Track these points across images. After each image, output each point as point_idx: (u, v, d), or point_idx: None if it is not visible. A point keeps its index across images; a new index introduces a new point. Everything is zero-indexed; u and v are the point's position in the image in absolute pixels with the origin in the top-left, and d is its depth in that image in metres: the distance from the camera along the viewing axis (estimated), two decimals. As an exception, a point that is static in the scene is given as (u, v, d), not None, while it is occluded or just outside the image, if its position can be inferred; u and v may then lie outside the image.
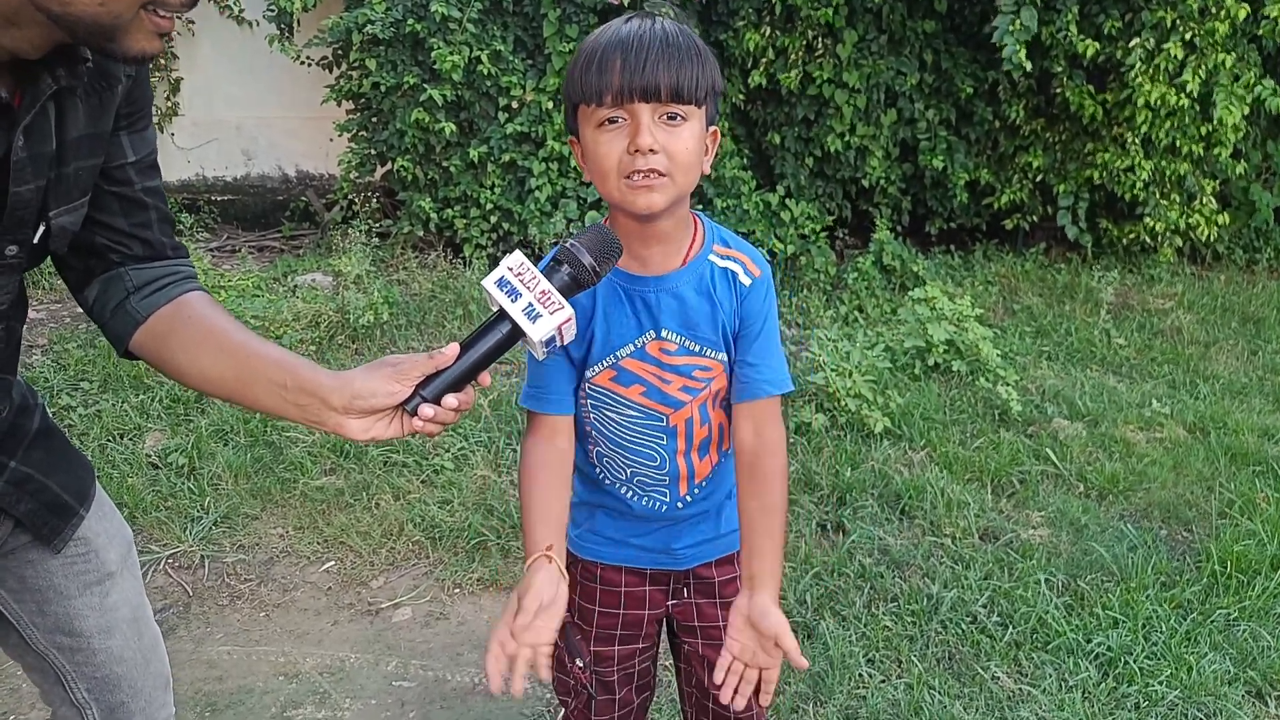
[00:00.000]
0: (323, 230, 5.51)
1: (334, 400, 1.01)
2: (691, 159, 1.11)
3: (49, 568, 1.17)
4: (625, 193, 1.10)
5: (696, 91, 1.09)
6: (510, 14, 4.75)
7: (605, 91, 1.07)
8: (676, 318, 1.21)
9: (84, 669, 1.22)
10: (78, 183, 1.02)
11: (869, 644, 2.28)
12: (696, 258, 1.22)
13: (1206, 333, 4.53)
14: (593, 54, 1.09)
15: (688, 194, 1.17)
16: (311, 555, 2.67)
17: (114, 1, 0.83)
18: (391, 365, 1.03)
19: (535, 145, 4.78)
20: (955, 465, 3.13)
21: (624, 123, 1.09)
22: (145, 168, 1.12)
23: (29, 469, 1.12)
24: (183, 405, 3.37)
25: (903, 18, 5.01)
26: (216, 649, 2.30)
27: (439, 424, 1.04)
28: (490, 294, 1.03)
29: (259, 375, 1.05)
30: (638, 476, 1.30)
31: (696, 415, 1.26)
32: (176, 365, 1.09)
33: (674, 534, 1.34)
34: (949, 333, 3.80)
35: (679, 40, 1.09)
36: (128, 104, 1.06)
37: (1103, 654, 2.24)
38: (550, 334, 1.03)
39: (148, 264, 1.13)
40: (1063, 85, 4.93)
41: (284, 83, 5.49)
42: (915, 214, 5.53)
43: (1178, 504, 2.98)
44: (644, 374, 1.23)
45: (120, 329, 1.12)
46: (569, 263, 1.06)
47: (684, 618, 1.40)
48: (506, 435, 3.21)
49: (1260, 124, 5.41)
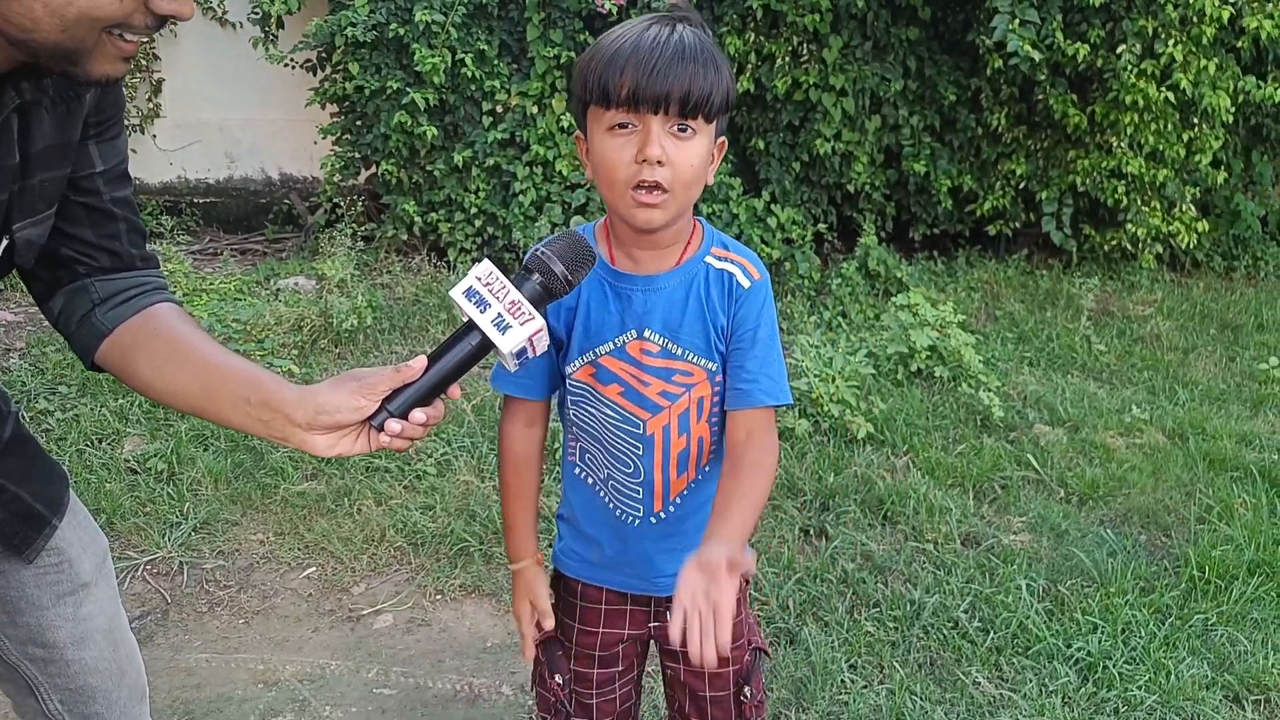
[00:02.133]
0: (306, 234, 5.48)
1: (297, 416, 0.99)
2: (696, 174, 1.10)
3: (21, 578, 1.16)
4: (630, 206, 1.10)
5: (708, 106, 1.07)
6: (495, 18, 4.75)
7: (617, 96, 1.06)
8: (661, 319, 1.19)
9: (57, 680, 1.20)
10: (43, 194, 1.00)
11: (851, 649, 2.28)
12: (691, 259, 1.20)
13: (1185, 339, 4.57)
14: (608, 55, 1.07)
15: (689, 208, 1.16)
16: (292, 561, 2.65)
17: (76, 27, 0.82)
18: (356, 380, 1.01)
19: (520, 150, 4.77)
20: (938, 471, 3.15)
21: (634, 129, 1.07)
22: (115, 177, 1.09)
23: (1, 479, 1.11)
24: (162, 410, 3.34)
25: (887, 25, 5.04)
26: (194, 656, 2.28)
27: (406, 439, 1.02)
28: (458, 305, 1.00)
29: (224, 390, 1.03)
30: (613, 480, 1.28)
31: (675, 424, 1.23)
32: (142, 379, 1.08)
33: (652, 565, 1.31)
34: (932, 339, 3.82)
35: (697, 52, 1.07)
36: (97, 112, 1.04)
37: (1082, 659, 2.26)
38: (520, 345, 1.00)
39: (115, 275, 1.11)
40: (1046, 93, 4.97)
41: (267, 85, 5.46)
42: (899, 220, 5.56)
43: (1157, 509, 3.00)
44: (622, 373, 1.21)
45: (85, 341, 1.10)
46: (540, 271, 1.03)
47: (666, 641, 1.37)
48: (490, 440, 3.20)
49: (1240, 133, 5.47)
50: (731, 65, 4.93)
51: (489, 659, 2.30)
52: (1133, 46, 4.58)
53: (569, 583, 1.38)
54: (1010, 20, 4.31)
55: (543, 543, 2.48)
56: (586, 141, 1.14)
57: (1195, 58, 4.55)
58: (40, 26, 0.81)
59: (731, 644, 1.32)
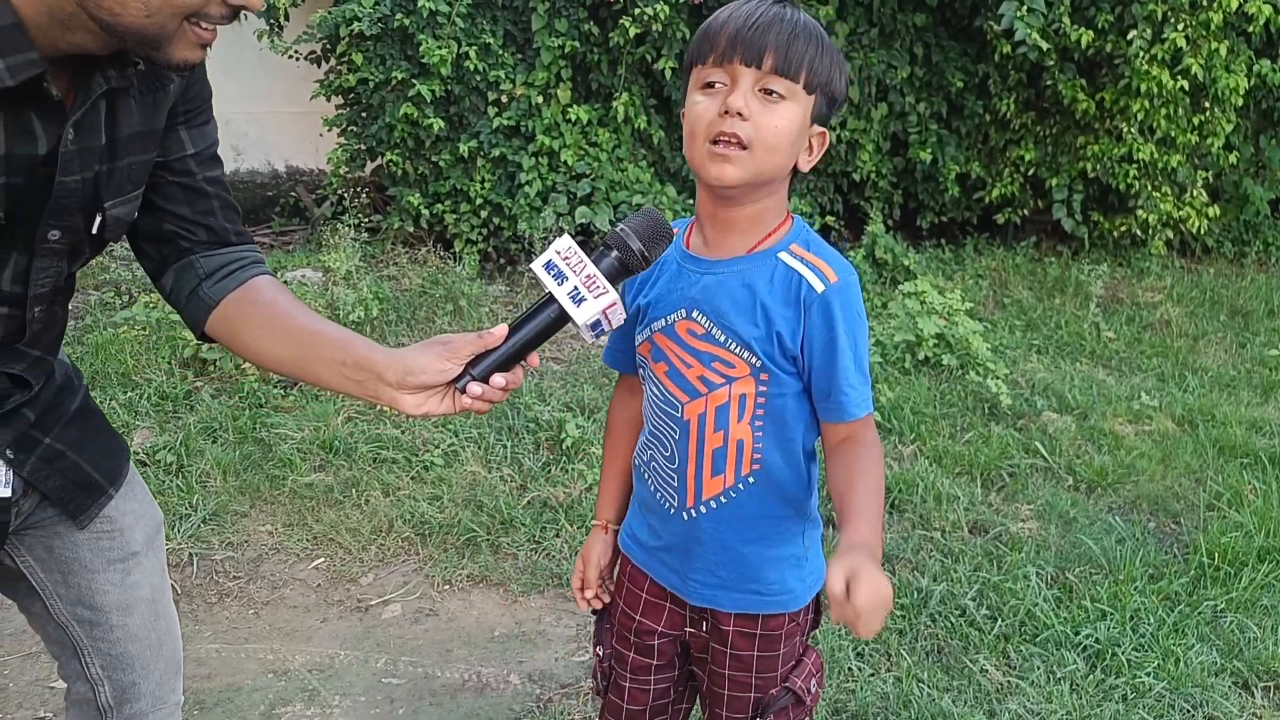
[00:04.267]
0: (312, 226, 5.48)
1: (388, 376, 1.05)
2: (780, 140, 1.07)
3: (75, 540, 1.22)
4: (704, 158, 1.08)
5: (802, 70, 1.05)
6: (499, 8, 4.73)
7: (711, 51, 1.06)
8: (709, 302, 1.15)
9: (100, 645, 1.26)
10: (131, 176, 1.08)
11: (858, 638, 2.28)
12: (763, 251, 1.14)
13: (1195, 326, 4.54)
14: (714, 20, 1.09)
15: (769, 179, 1.10)
16: (300, 552, 2.66)
17: (159, 13, 0.90)
18: (442, 344, 1.07)
19: (525, 140, 4.76)
20: (945, 459, 3.14)
21: (722, 87, 1.07)
22: (206, 159, 1.18)
23: (62, 446, 1.17)
24: (171, 402, 3.35)
25: (893, 11, 5.00)
26: (205, 647, 2.29)
27: (487, 402, 1.07)
28: (539, 276, 1.05)
29: (319, 354, 1.10)
30: (655, 462, 1.27)
31: (711, 415, 1.18)
32: (244, 346, 1.16)
33: (687, 557, 1.25)
34: (939, 327, 3.80)
35: (802, 24, 1.07)
36: (185, 101, 1.13)
37: (1091, 646, 2.25)
38: (595, 318, 1.03)
39: (215, 250, 1.20)
40: (1054, 79, 4.94)
41: (273, 78, 5.45)
42: (907, 208, 5.53)
43: (1166, 496, 2.99)
44: (668, 351, 1.20)
45: (195, 314, 1.18)
46: (617, 247, 1.05)
47: (697, 649, 1.34)
48: (496, 431, 3.21)
49: (1251, 118, 5.43)
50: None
51: (497, 648, 2.31)
52: (1143, 32, 4.54)
53: (622, 560, 1.38)
54: (1018, 8, 4.28)
55: (551, 534, 2.47)
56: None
57: (1206, 41, 4.51)
58: (128, 11, 0.88)
59: (761, 674, 1.28)
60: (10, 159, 0.94)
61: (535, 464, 3.04)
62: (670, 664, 1.37)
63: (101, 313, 4.06)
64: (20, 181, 0.96)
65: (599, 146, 4.82)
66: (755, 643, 1.27)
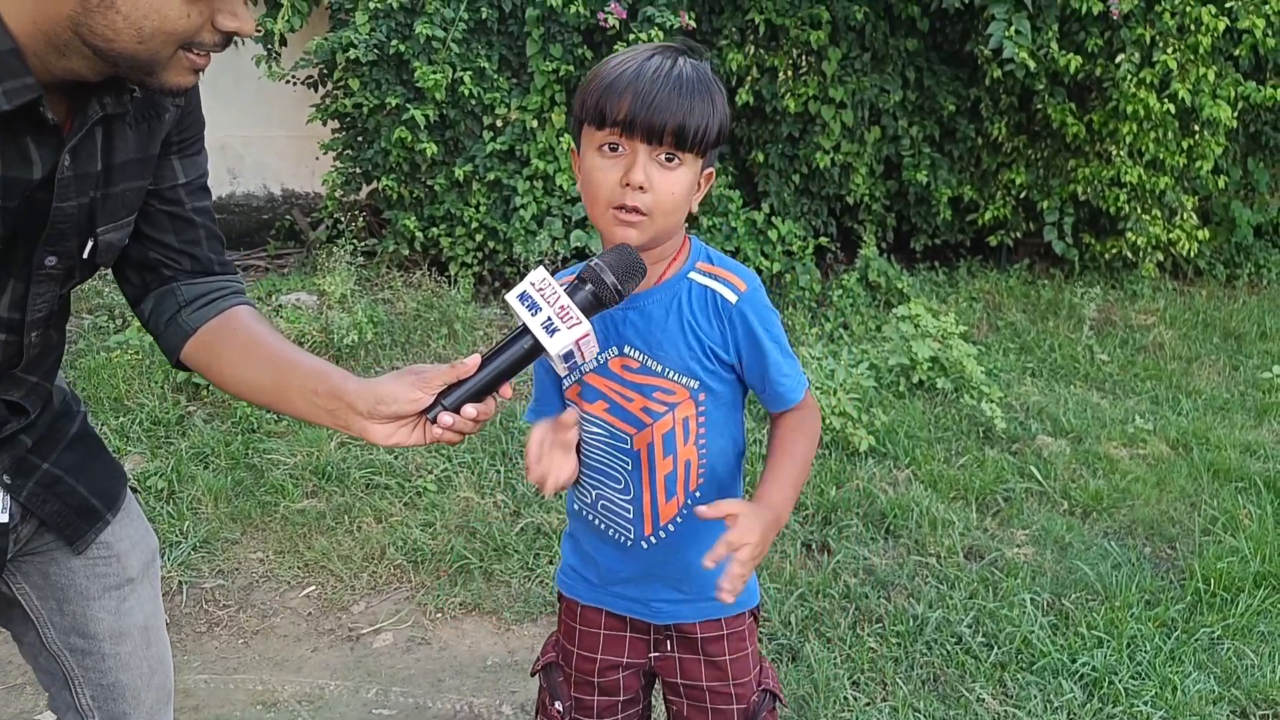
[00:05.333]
0: (308, 249, 5.49)
1: (359, 405, 1.06)
2: (677, 202, 1.13)
3: (71, 567, 1.21)
4: (609, 223, 1.13)
5: (698, 140, 1.11)
6: (494, 34, 4.76)
7: (609, 120, 1.10)
8: (640, 336, 1.20)
9: (91, 674, 1.25)
10: (125, 202, 1.09)
11: (854, 666, 2.27)
12: (672, 277, 1.21)
13: (1188, 348, 4.55)
14: (609, 79, 1.11)
15: (669, 233, 1.18)
16: (291, 580, 2.64)
17: (152, 40, 0.90)
18: (415, 374, 1.07)
19: (520, 164, 4.78)
20: (940, 483, 3.13)
21: (622, 153, 1.11)
22: (195, 189, 1.19)
23: (60, 471, 1.17)
24: (163, 427, 3.34)
25: (885, 36, 5.05)
26: (193, 678, 2.27)
27: (458, 433, 1.07)
28: (512, 307, 1.06)
29: (293, 383, 1.11)
30: (602, 500, 1.29)
31: (659, 443, 1.23)
32: (220, 374, 1.17)
33: (648, 587, 1.30)
34: (933, 350, 3.81)
35: (694, 86, 1.10)
36: (179, 130, 1.14)
37: (1087, 674, 2.24)
38: (568, 348, 1.05)
39: (198, 279, 1.20)
40: (1044, 102, 4.98)
41: (270, 102, 5.48)
42: (900, 231, 5.55)
43: (1161, 521, 2.98)
44: (605, 390, 1.23)
45: (172, 340, 1.19)
46: (592, 281, 1.08)
47: (667, 673, 1.36)
48: (490, 456, 3.19)
49: (1240, 140, 5.47)
50: (731, 79, 4.97)
51: (489, 678, 2.28)
52: (1131, 56, 4.59)
53: (568, 604, 1.37)
54: (1006, 27, 4.32)
55: (545, 561, 2.43)
56: (579, 158, 1.17)
57: (1194, 65, 4.55)
58: (120, 37, 0.89)
59: (737, 680, 1.34)
60: (7, 183, 0.95)
61: (529, 489, 3.02)
62: (635, 698, 1.39)
63: (95, 337, 4.05)
64: (15, 206, 0.97)
65: (593, 170, 4.83)
66: (725, 644, 1.32)
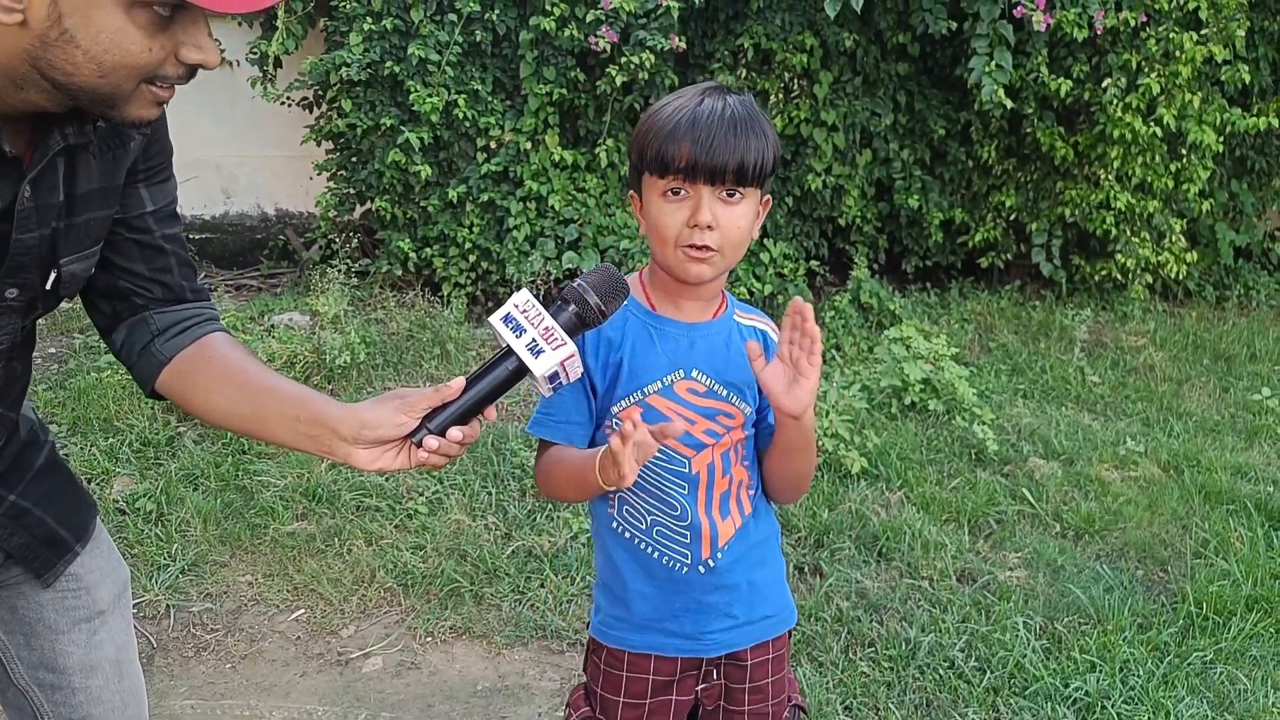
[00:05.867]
0: (301, 269, 5.48)
1: (343, 430, 1.05)
2: (743, 236, 1.20)
3: (40, 600, 1.19)
4: (681, 261, 1.19)
5: (757, 174, 1.17)
6: (489, 56, 4.79)
7: (672, 168, 1.15)
8: (709, 361, 1.26)
9: (61, 709, 1.22)
10: (89, 232, 1.07)
11: (846, 691, 2.26)
12: (724, 315, 1.30)
13: (1179, 370, 4.57)
14: (667, 127, 1.16)
15: (735, 263, 1.25)
16: (281, 603, 2.62)
17: (113, 74, 0.88)
18: (399, 398, 1.06)
19: (513, 185, 4.79)
20: (932, 506, 3.13)
21: (686, 196, 1.17)
22: (164, 216, 1.17)
23: (27, 503, 1.15)
24: (153, 449, 3.32)
25: (876, 60, 5.09)
26: (180, 703, 2.24)
27: (443, 456, 1.06)
28: (496, 329, 1.06)
29: (273, 410, 1.09)
30: (657, 526, 1.27)
31: (719, 462, 1.27)
32: (196, 403, 1.15)
33: (702, 618, 1.29)
34: (925, 372, 3.82)
35: (747, 124, 1.16)
36: (145, 159, 1.12)
37: (1081, 699, 2.23)
38: (553, 369, 1.05)
39: (170, 307, 1.18)
40: (1034, 126, 5.02)
41: (263, 122, 5.49)
42: (891, 252, 5.58)
43: (1153, 544, 2.98)
44: (669, 412, 1.24)
45: (146, 370, 1.17)
46: (575, 302, 1.08)
47: (709, 700, 1.35)
48: (482, 479, 3.18)
49: (1226, 164, 5.52)
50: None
51: (479, 703, 2.27)
52: (1117, 80, 4.64)
53: (612, 654, 1.33)
54: (987, 62, 4.36)
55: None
56: (640, 201, 1.23)
57: (1180, 91, 4.61)
58: (80, 72, 0.87)
59: (774, 699, 1.36)
60: None
61: (520, 511, 3.01)
62: None
63: (85, 357, 4.03)
64: None
65: (586, 192, 4.85)
66: (769, 666, 1.35)
